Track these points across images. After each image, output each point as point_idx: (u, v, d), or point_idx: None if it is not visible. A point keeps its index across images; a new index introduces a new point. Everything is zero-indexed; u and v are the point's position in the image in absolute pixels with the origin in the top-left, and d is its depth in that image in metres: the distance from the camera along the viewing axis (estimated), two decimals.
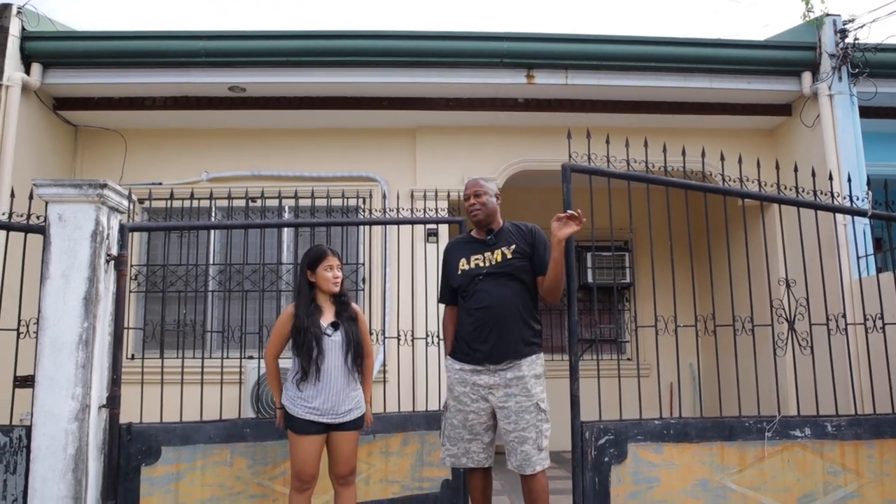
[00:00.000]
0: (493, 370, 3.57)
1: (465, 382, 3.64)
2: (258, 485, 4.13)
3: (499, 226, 3.80)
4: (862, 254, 5.37)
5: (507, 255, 3.66)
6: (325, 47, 6.07)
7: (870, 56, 6.13)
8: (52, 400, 3.56)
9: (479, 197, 3.75)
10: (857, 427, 4.03)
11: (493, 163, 6.67)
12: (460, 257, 3.79)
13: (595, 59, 6.18)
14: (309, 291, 3.75)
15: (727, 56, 6.26)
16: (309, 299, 3.73)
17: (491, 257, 3.69)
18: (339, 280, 3.76)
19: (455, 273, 3.78)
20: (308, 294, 3.74)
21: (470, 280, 3.69)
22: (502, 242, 3.72)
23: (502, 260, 3.66)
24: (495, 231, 3.77)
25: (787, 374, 5.21)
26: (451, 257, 3.87)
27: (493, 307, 3.57)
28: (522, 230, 3.77)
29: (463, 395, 3.64)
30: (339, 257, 3.80)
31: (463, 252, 3.81)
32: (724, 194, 4.37)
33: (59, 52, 6.06)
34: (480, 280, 3.65)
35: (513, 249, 3.67)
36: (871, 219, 4.61)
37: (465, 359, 3.66)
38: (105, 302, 3.78)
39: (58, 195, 3.70)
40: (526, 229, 3.77)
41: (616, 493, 3.83)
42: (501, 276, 3.62)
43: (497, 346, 3.56)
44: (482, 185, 3.79)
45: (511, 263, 3.64)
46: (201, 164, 6.71)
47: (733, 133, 6.89)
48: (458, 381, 3.68)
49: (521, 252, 3.67)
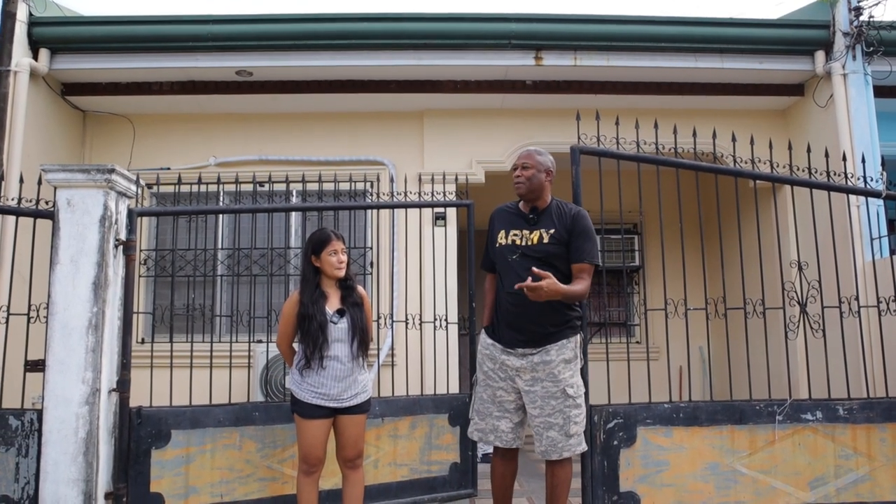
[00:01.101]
0: (522, 353, 3.48)
1: (495, 360, 3.57)
2: (267, 468, 4.15)
3: (545, 204, 3.63)
4: (876, 235, 5.32)
5: (545, 238, 3.51)
6: (332, 30, 6.03)
7: (885, 34, 6.02)
8: (63, 384, 3.59)
9: (526, 169, 3.59)
10: (869, 410, 4.01)
11: (501, 145, 6.62)
12: (501, 228, 3.66)
13: (604, 39, 6.10)
14: (314, 277, 3.67)
15: (739, 35, 6.17)
16: (314, 285, 3.65)
17: (529, 236, 3.55)
18: (344, 264, 3.68)
19: (494, 245, 3.67)
20: (313, 280, 3.67)
21: (505, 256, 3.58)
22: (543, 223, 3.56)
23: (538, 243, 3.51)
24: (540, 209, 3.62)
25: (798, 357, 5.18)
26: (494, 226, 3.73)
27: (523, 295, 3.33)
28: (564, 215, 3.58)
29: (491, 372, 3.58)
30: (343, 241, 3.72)
31: (504, 223, 3.67)
32: (735, 176, 4.32)
33: (66, 37, 6.05)
34: (514, 259, 3.52)
35: (551, 234, 3.51)
36: (886, 200, 4.55)
37: (496, 338, 3.59)
38: (114, 286, 3.79)
39: (66, 180, 3.70)
40: (568, 214, 3.58)
41: (625, 477, 3.83)
42: (535, 259, 3.45)
43: (526, 334, 3.48)
44: (533, 158, 3.61)
45: (546, 249, 3.49)
46: (209, 148, 6.70)
47: (745, 114, 6.81)
48: (487, 357, 3.61)
49: (559, 238, 3.51)
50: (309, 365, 3.56)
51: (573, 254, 3.51)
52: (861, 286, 4.73)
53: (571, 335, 3.53)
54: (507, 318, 3.55)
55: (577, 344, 3.55)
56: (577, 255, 3.51)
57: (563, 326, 3.51)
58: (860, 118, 5.96)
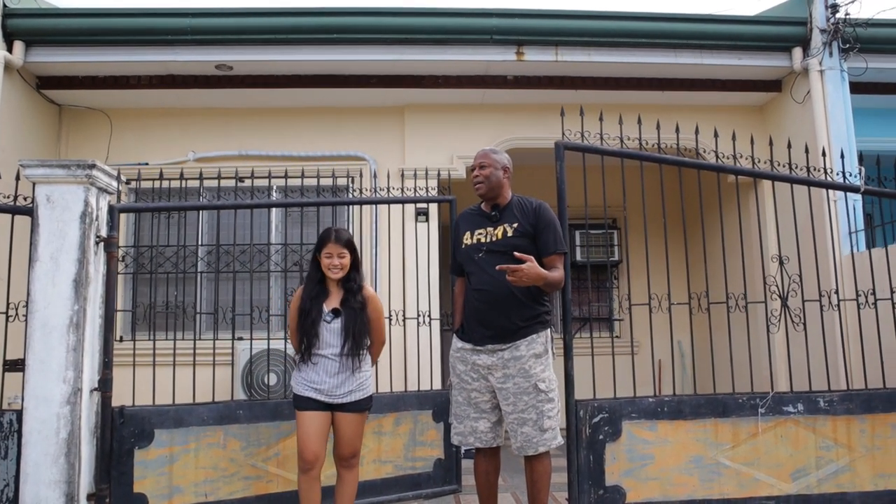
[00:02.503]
0: (492, 350, 3.49)
1: (466, 361, 3.58)
2: (252, 466, 4.12)
3: (506, 200, 3.66)
4: (853, 230, 5.40)
5: (509, 232, 3.54)
6: (313, 24, 5.98)
7: (860, 31, 6.11)
8: (44, 384, 3.52)
9: (483, 169, 3.63)
10: (848, 402, 4.07)
11: (482, 140, 6.60)
12: (466, 230, 3.69)
13: (585, 35, 6.13)
14: (315, 273, 3.69)
15: (717, 31, 6.23)
16: (315, 281, 3.67)
17: (493, 233, 3.58)
18: (338, 268, 3.64)
19: (460, 246, 3.70)
20: (315, 276, 3.69)
21: (471, 255, 3.61)
22: (506, 219, 3.59)
23: (502, 237, 3.54)
24: (501, 206, 3.65)
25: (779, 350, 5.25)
26: (458, 229, 3.77)
27: (490, 291, 3.45)
28: (526, 208, 3.61)
29: (464, 374, 3.59)
30: (342, 244, 3.65)
31: (469, 225, 3.70)
32: (717, 171, 4.35)
33: (42, 29, 5.93)
34: (480, 257, 3.55)
35: (515, 227, 3.54)
36: (864, 195, 4.61)
37: (466, 338, 3.60)
38: (95, 284, 3.72)
39: (45, 176, 3.63)
40: (530, 207, 3.61)
41: (611, 471, 3.85)
42: (500, 254, 3.48)
43: (495, 329, 3.48)
44: (489, 157, 3.65)
45: (511, 242, 3.51)
46: (188, 143, 6.63)
47: (723, 109, 6.88)
48: (459, 360, 3.62)
49: (523, 231, 3.53)
50: (302, 359, 3.60)
51: (543, 247, 3.54)
52: (840, 280, 4.79)
53: (541, 330, 3.54)
54: (475, 315, 3.55)
55: (548, 338, 3.56)
56: (547, 247, 3.54)
57: (532, 321, 3.52)
58: (837, 114, 6.04)
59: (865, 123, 6.41)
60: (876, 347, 4.31)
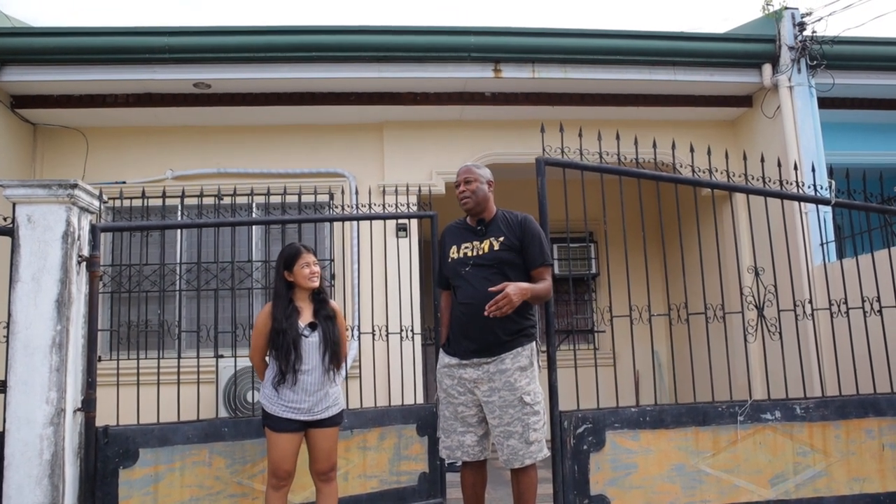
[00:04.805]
0: (478, 364, 3.53)
1: (453, 375, 3.61)
2: (237, 484, 4.11)
3: (491, 214, 3.72)
4: (824, 241, 5.53)
5: (495, 246, 3.58)
6: (291, 43, 6.02)
7: (827, 48, 6.30)
8: (26, 405, 3.48)
9: (469, 184, 3.67)
10: (823, 409, 4.15)
11: (461, 156, 6.67)
12: (452, 244, 3.73)
13: (561, 52, 6.24)
14: (286, 292, 3.70)
15: (690, 49, 6.38)
16: (287, 300, 3.68)
17: (479, 247, 3.62)
18: (317, 275, 3.71)
19: (446, 261, 3.74)
20: (286, 295, 3.69)
21: (457, 270, 3.64)
22: (492, 232, 3.64)
23: (489, 251, 3.58)
24: (487, 220, 3.69)
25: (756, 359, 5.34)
26: (444, 243, 3.80)
27: (475, 304, 3.47)
28: (511, 221, 3.66)
29: (451, 388, 3.62)
30: (314, 253, 3.76)
31: (455, 239, 3.74)
32: (694, 185, 4.44)
33: (15, 48, 5.90)
34: (467, 271, 3.59)
35: (501, 241, 3.58)
36: (834, 207, 4.74)
37: (452, 352, 3.64)
38: (78, 304, 3.70)
39: (26, 196, 3.61)
40: (515, 221, 3.66)
41: (595, 481, 3.89)
42: (487, 268, 3.54)
43: (480, 343, 3.51)
44: (473, 172, 3.70)
45: (497, 255, 3.55)
46: (166, 161, 6.61)
47: (697, 124, 7.02)
48: (446, 374, 3.65)
49: (510, 244, 3.58)
50: (283, 379, 3.56)
51: (530, 260, 3.59)
52: (814, 289, 4.90)
53: (526, 343, 3.57)
54: (461, 329, 3.59)
55: (533, 351, 3.59)
56: (534, 260, 3.59)
57: (518, 335, 3.56)
58: (806, 128, 6.21)
59: (834, 137, 6.59)
60: (849, 355, 4.41)
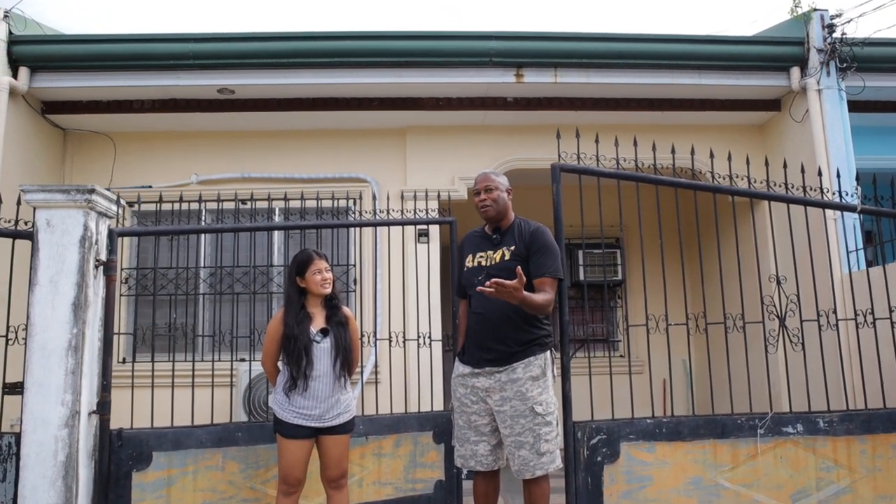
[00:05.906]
0: (490, 373, 3.51)
1: (466, 384, 3.60)
2: (250, 489, 4.12)
3: (508, 223, 3.70)
4: (852, 248, 5.38)
5: (506, 256, 3.57)
6: (314, 48, 6.06)
7: (857, 50, 6.14)
8: (42, 406, 3.53)
9: (490, 192, 3.65)
10: (848, 422, 4.04)
11: (483, 162, 6.65)
12: (469, 252, 3.73)
13: (584, 56, 6.18)
14: (298, 298, 3.72)
15: (716, 52, 6.27)
16: (299, 306, 3.69)
17: (492, 256, 3.61)
18: (329, 281, 3.72)
19: (463, 269, 3.74)
20: (297, 301, 3.71)
21: (472, 279, 3.63)
22: (505, 242, 3.62)
23: (500, 261, 3.57)
24: (503, 229, 3.68)
25: (778, 370, 5.21)
26: (463, 251, 3.80)
27: (487, 313, 3.48)
28: (524, 231, 3.63)
29: (464, 397, 3.61)
30: (326, 259, 3.76)
31: (472, 248, 3.74)
32: (713, 192, 4.36)
33: (46, 55, 6.03)
34: (481, 280, 3.53)
35: (512, 251, 3.57)
36: (860, 213, 4.61)
37: (465, 360, 3.62)
38: (94, 307, 3.75)
39: (45, 201, 3.67)
40: (527, 231, 3.63)
41: (609, 493, 3.83)
42: (499, 278, 3.45)
43: (492, 352, 3.49)
44: (493, 180, 3.68)
45: (507, 266, 3.50)
46: (191, 166, 6.69)
47: (722, 129, 6.90)
48: (459, 383, 3.64)
49: (519, 254, 3.55)
50: (294, 385, 3.57)
51: (533, 269, 3.54)
52: (839, 299, 4.78)
53: (539, 352, 3.54)
54: (474, 338, 3.59)
55: (546, 361, 3.55)
56: (537, 269, 3.54)
57: (531, 344, 3.52)
58: (835, 133, 6.06)
59: (863, 142, 6.42)
60: (875, 367, 4.29)
